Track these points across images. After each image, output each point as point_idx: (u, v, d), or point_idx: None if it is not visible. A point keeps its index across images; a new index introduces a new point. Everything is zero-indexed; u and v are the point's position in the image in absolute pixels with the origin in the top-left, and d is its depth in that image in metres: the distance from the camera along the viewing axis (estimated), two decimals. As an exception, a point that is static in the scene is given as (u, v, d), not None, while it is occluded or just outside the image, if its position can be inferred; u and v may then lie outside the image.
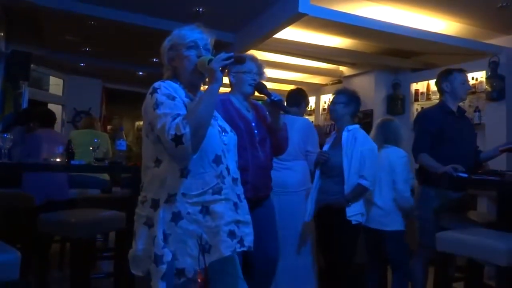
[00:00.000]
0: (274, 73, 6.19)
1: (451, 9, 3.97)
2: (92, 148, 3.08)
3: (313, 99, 6.91)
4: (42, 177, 3.52)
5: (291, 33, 4.42)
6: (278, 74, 6.30)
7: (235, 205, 1.53)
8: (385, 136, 2.96)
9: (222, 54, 1.48)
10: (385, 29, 3.96)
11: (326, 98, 6.69)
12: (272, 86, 6.82)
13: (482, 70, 4.62)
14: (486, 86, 4.50)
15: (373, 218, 2.79)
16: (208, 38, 1.61)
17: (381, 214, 2.80)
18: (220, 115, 1.69)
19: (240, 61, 1.62)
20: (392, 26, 3.99)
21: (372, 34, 4.11)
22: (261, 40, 4.44)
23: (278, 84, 6.77)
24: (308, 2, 3.57)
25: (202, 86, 1.64)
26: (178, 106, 1.45)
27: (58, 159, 2.92)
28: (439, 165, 2.55)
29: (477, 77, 4.72)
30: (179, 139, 1.35)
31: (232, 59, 1.50)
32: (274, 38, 4.40)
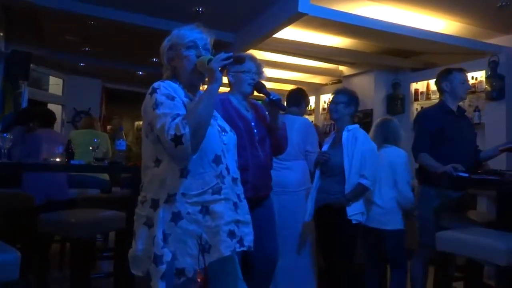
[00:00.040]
0: (274, 72, 6.18)
1: (451, 8, 3.97)
2: (91, 148, 3.08)
3: (313, 99, 6.91)
4: (42, 177, 3.52)
5: (291, 32, 4.42)
6: (278, 73, 6.30)
7: (235, 205, 1.53)
8: (384, 135, 2.98)
9: (222, 54, 1.48)
10: (385, 28, 3.96)
11: (326, 98, 6.68)
12: (272, 85, 6.81)
13: (482, 69, 4.62)
14: (486, 86, 4.49)
15: (373, 218, 2.79)
16: (207, 38, 1.61)
17: (381, 213, 2.81)
18: (219, 115, 1.69)
19: (239, 61, 1.62)
20: (392, 26, 3.99)
21: (372, 33, 4.11)
22: (261, 39, 4.44)
23: (278, 83, 6.77)
24: (308, 1, 3.57)
25: (201, 86, 1.64)
26: (177, 106, 1.44)
27: (58, 159, 2.92)
28: (439, 164, 2.55)
29: (477, 76, 4.71)
30: (179, 139, 1.35)
31: (231, 59, 1.49)
32: (274, 38, 4.40)
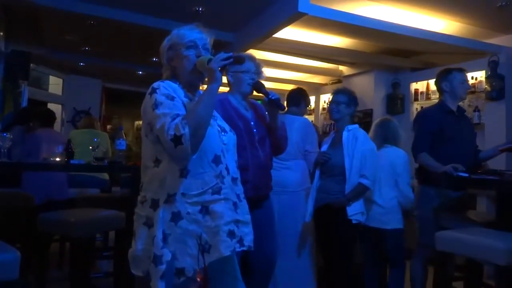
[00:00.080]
0: (273, 72, 6.18)
1: (451, 8, 3.96)
2: (91, 147, 3.08)
3: (312, 99, 6.91)
4: (42, 176, 3.52)
5: (291, 32, 4.42)
6: (277, 73, 6.29)
7: (235, 204, 1.53)
8: (384, 135, 3.00)
9: (222, 54, 1.48)
10: (384, 28, 3.96)
11: (325, 98, 6.68)
12: (272, 85, 6.81)
13: (482, 69, 4.62)
14: (486, 86, 4.49)
15: (373, 217, 2.81)
16: (207, 38, 1.61)
17: (381, 212, 2.83)
18: (219, 115, 1.69)
19: (239, 61, 1.62)
20: (391, 26, 3.99)
21: (371, 33, 4.10)
22: (260, 39, 4.44)
23: (278, 83, 6.76)
24: (307, 1, 3.57)
25: (201, 86, 1.64)
26: (177, 106, 1.44)
27: (57, 159, 2.92)
28: (439, 164, 2.55)
29: (476, 76, 4.71)
30: (179, 140, 1.35)
31: (231, 59, 1.49)
32: (274, 38, 4.40)
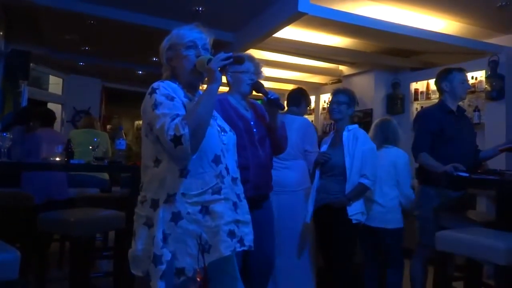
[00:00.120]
0: (273, 72, 6.18)
1: (451, 8, 3.96)
2: (91, 147, 3.09)
3: (312, 98, 6.90)
4: (42, 176, 3.52)
5: (291, 32, 4.42)
6: (277, 73, 6.29)
7: (235, 204, 1.53)
8: (385, 136, 3.02)
9: (221, 54, 1.48)
10: (385, 28, 3.95)
11: (325, 98, 6.68)
12: (271, 85, 6.81)
13: (482, 69, 4.62)
14: (486, 86, 4.49)
15: (374, 217, 2.82)
16: (207, 38, 1.61)
17: (382, 212, 2.84)
18: (219, 115, 1.69)
19: (239, 61, 1.61)
20: (391, 26, 3.99)
21: (371, 33, 4.10)
22: (260, 39, 4.44)
23: (277, 83, 6.76)
24: (307, 1, 3.57)
25: (201, 86, 1.64)
26: (177, 106, 1.44)
27: (57, 159, 2.92)
28: (439, 164, 2.55)
29: (476, 76, 4.71)
30: (178, 140, 1.35)
31: (231, 59, 1.49)
32: (274, 37, 4.40)
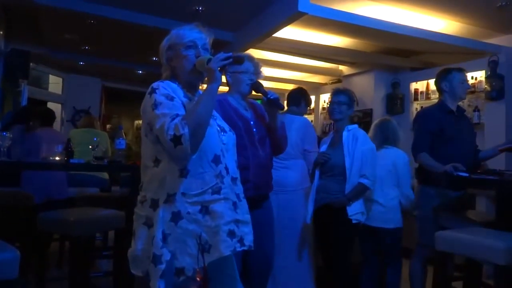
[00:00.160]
0: (273, 72, 6.18)
1: (451, 8, 3.96)
2: (91, 147, 3.09)
3: (312, 98, 6.85)
4: (42, 175, 3.52)
5: (291, 32, 4.42)
6: (277, 73, 6.29)
7: (234, 204, 1.53)
8: (385, 136, 3.03)
9: (221, 54, 1.48)
10: (384, 28, 3.95)
11: (325, 97, 6.68)
12: (271, 85, 6.81)
13: (482, 69, 4.62)
14: (486, 86, 4.49)
15: (374, 216, 2.84)
16: (206, 37, 1.60)
17: (383, 211, 2.85)
18: (218, 115, 1.69)
19: (238, 61, 1.62)
20: (391, 25, 3.99)
21: (371, 33, 4.10)
22: (260, 39, 4.44)
23: (277, 83, 6.76)
24: (307, 1, 3.57)
25: (200, 85, 1.64)
26: (176, 106, 1.44)
27: (57, 158, 2.92)
28: (439, 164, 2.55)
29: (476, 76, 4.71)
30: (178, 140, 1.35)
31: (231, 59, 1.49)
32: (274, 37, 4.40)
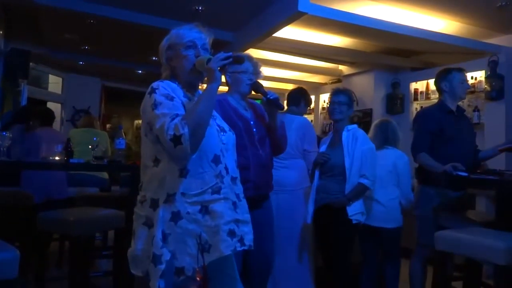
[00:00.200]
0: (273, 72, 6.17)
1: (451, 8, 3.96)
2: (91, 146, 3.08)
3: (312, 98, 6.87)
4: (41, 175, 3.52)
5: (291, 32, 4.42)
6: (277, 73, 6.29)
7: (234, 204, 1.53)
8: (385, 136, 3.04)
9: (221, 54, 1.48)
10: (384, 28, 3.96)
11: (325, 97, 6.66)
12: (271, 85, 6.81)
13: (482, 69, 4.62)
14: (485, 86, 4.49)
15: (375, 216, 2.84)
16: (206, 37, 1.60)
17: (383, 211, 2.86)
18: (218, 115, 1.69)
19: (238, 61, 1.62)
20: (391, 25, 3.99)
21: (371, 33, 4.10)
22: (260, 38, 4.44)
23: (277, 83, 6.76)
24: (307, 0, 3.57)
25: (200, 85, 1.64)
26: (176, 106, 1.44)
27: (57, 158, 2.91)
28: (439, 164, 2.55)
29: (476, 76, 4.71)
30: (178, 139, 1.35)
31: (230, 59, 1.49)
32: (274, 37, 4.40)
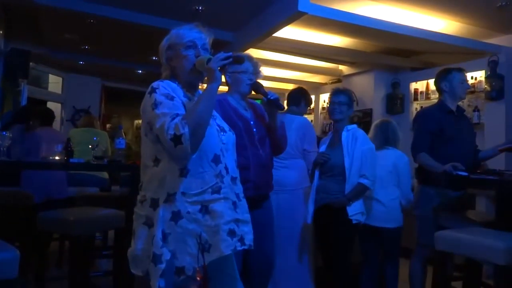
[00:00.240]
0: (273, 71, 6.17)
1: (451, 8, 3.96)
2: (91, 146, 3.09)
3: (312, 98, 6.88)
4: (41, 175, 3.52)
5: (291, 31, 4.42)
6: (277, 73, 6.29)
7: (234, 204, 1.53)
8: (385, 137, 3.04)
9: (221, 54, 1.48)
10: (384, 28, 3.96)
11: (325, 97, 6.66)
12: (271, 84, 6.81)
13: (482, 69, 4.62)
14: (485, 86, 4.49)
15: (377, 216, 2.85)
16: (206, 37, 1.61)
17: (385, 212, 2.87)
18: (218, 115, 1.69)
19: (238, 60, 1.62)
20: (391, 25, 3.99)
21: (371, 33, 4.10)
22: (260, 38, 4.44)
23: (277, 83, 6.76)
24: (307, 0, 3.57)
25: (200, 85, 1.64)
26: (176, 106, 1.44)
27: (57, 157, 2.91)
28: (438, 164, 2.55)
29: (476, 76, 4.71)
30: (178, 139, 1.35)
31: (231, 59, 1.50)
32: (274, 37, 4.40)
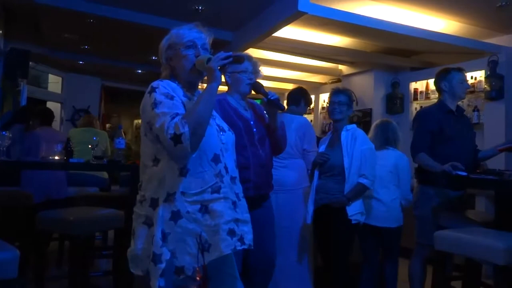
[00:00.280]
0: (273, 71, 6.17)
1: (451, 8, 3.96)
2: (90, 146, 3.09)
3: (312, 98, 6.88)
4: (41, 175, 3.52)
5: (291, 31, 4.42)
6: (277, 72, 6.28)
7: (234, 204, 1.53)
8: (386, 137, 3.04)
9: (221, 53, 1.48)
10: (384, 28, 3.96)
11: (325, 97, 6.66)
12: (271, 84, 6.81)
13: (481, 69, 4.61)
14: (485, 86, 4.49)
15: (377, 216, 2.85)
16: (206, 37, 1.61)
17: (385, 211, 2.87)
18: (218, 114, 1.69)
19: (238, 60, 1.62)
20: (391, 25, 3.99)
21: (371, 33, 4.10)
22: (260, 38, 4.44)
23: (277, 82, 6.75)
24: (307, 0, 3.57)
25: (200, 85, 1.64)
26: (176, 105, 1.45)
27: (56, 157, 2.91)
28: (438, 164, 2.55)
29: (476, 76, 4.71)
30: (178, 139, 1.35)
31: (230, 58, 1.50)
32: (274, 37, 4.39)
